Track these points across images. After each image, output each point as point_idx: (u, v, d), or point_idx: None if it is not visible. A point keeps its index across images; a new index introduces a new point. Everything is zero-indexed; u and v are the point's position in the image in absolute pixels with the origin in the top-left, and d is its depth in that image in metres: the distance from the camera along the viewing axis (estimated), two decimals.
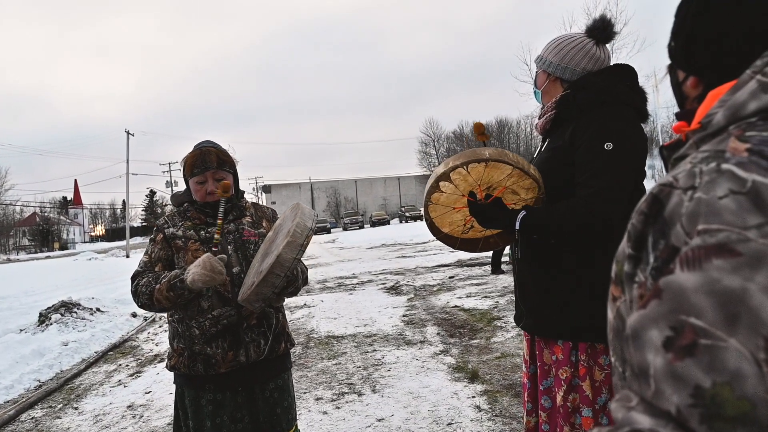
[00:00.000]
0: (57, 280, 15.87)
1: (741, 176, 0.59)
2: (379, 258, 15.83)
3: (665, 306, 0.58)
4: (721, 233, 0.57)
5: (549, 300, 1.72)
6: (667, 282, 0.59)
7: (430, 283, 9.42)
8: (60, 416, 4.32)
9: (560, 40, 1.80)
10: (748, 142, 0.63)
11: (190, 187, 2.03)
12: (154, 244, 2.02)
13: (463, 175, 1.70)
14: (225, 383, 1.94)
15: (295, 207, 1.92)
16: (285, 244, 1.70)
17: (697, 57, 0.79)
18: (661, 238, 0.62)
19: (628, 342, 0.61)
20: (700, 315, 0.55)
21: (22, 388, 5.16)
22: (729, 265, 0.55)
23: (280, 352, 2.04)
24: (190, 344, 1.93)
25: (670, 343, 0.56)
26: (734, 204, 0.57)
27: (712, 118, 0.71)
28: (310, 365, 4.98)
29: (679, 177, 0.64)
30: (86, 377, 5.46)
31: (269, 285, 1.71)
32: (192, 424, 1.94)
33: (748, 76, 0.69)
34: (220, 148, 2.07)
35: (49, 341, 6.73)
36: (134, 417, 4.13)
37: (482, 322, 5.95)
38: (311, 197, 73.12)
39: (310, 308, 8.03)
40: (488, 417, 3.42)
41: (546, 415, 1.77)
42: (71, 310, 8.07)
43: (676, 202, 0.62)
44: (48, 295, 11.00)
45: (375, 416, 3.61)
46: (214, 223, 2.01)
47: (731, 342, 0.53)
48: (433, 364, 4.65)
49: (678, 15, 0.83)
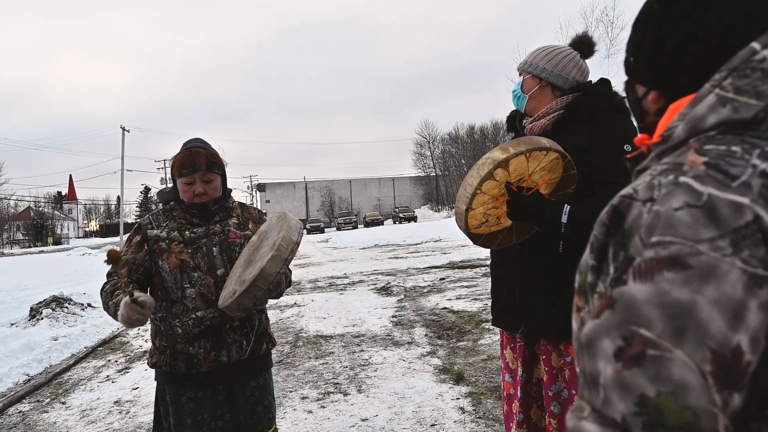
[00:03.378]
0: (50, 274, 15.79)
1: (697, 189, 0.60)
2: (371, 258, 15.84)
3: (617, 316, 0.59)
4: (673, 246, 0.58)
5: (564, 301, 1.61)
6: (620, 293, 0.60)
7: (421, 284, 9.44)
8: (47, 410, 4.31)
9: (551, 49, 1.85)
10: (705, 156, 0.64)
11: (178, 186, 2.01)
12: (129, 246, 2.00)
13: (512, 164, 1.60)
14: (206, 382, 1.94)
15: (281, 217, 1.91)
16: (270, 258, 1.70)
17: (661, 72, 0.79)
18: (620, 250, 0.63)
19: (583, 351, 0.62)
20: (650, 326, 0.56)
21: (11, 381, 5.14)
22: (679, 277, 0.56)
23: (261, 353, 2.04)
24: (173, 343, 1.93)
25: (620, 353, 0.57)
26: (689, 217, 0.58)
27: (673, 131, 0.71)
28: (297, 364, 4.99)
29: (639, 189, 0.65)
30: (75, 372, 5.45)
31: (251, 296, 1.72)
32: (173, 421, 1.94)
33: (707, 89, 0.70)
34: (210, 149, 2.05)
35: (40, 336, 6.71)
36: (121, 413, 4.13)
37: (470, 324, 5.98)
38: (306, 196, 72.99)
39: (300, 307, 8.04)
40: (472, 419, 3.44)
41: (556, 422, 1.73)
42: (62, 305, 8.05)
43: (635, 214, 0.63)
44: (40, 290, 10.95)
45: (359, 416, 3.63)
46: (201, 224, 2.00)
47: (677, 353, 0.54)
48: (419, 365, 4.67)
49: (637, 30, 0.82)
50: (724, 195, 0.59)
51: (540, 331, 1.78)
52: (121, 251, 2.00)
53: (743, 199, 0.58)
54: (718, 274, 0.55)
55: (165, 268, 1.95)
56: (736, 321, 0.55)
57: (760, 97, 0.66)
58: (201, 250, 1.96)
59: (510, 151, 1.58)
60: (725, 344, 0.54)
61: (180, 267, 1.93)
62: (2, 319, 8.06)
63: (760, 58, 0.68)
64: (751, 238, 0.57)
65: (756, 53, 0.68)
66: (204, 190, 1.97)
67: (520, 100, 1.90)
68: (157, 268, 1.97)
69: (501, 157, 1.58)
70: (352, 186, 74.08)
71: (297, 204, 72.20)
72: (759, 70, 0.67)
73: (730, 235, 0.57)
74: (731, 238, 0.57)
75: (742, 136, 0.66)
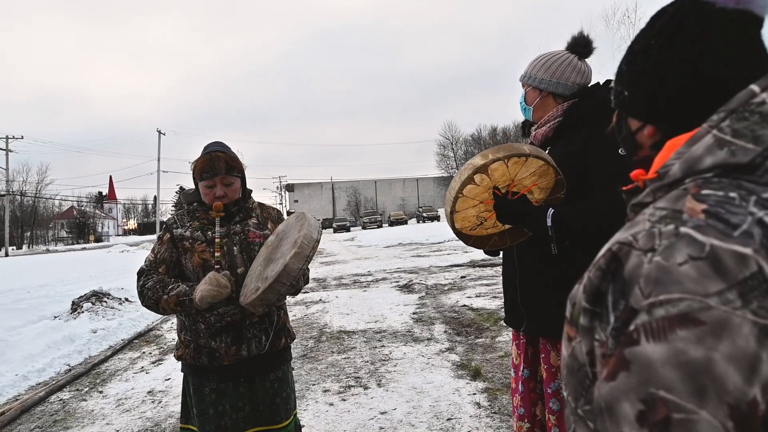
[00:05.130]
0: (90, 270, 16.19)
1: (699, 240, 0.57)
2: (394, 257, 15.85)
3: (634, 378, 0.56)
4: (683, 302, 0.56)
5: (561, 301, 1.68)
6: (633, 353, 0.57)
7: (442, 282, 9.42)
8: (86, 399, 4.44)
9: (546, 57, 1.82)
10: (704, 203, 0.61)
11: (200, 189, 2.04)
12: (161, 244, 2.06)
13: (493, 170, 1.65)
14: (227, 374, 1.98)
15: (300, 216, 1.93)
16: (292, 255, 1.72)
17: (660, 108, 0.75)
18: (621, 299, 0.61)
19: (603, 415, 0.60)
20: (670, 388, 0.54)
21: (53, 371, 5.31)
22: (693, 335, 0.54)
23: (280, 347, 2.08)
24: (196, 337, 1.98)
25: (644, 418, 0.55)
26: (694, 271, 0.56)
27: (669, 169, 0.69)
28: (320, 358, 5.04)
29: (639, 237, 0.63)
30: (112, 363, 5.60)
31: (274, 292, 1.75)
32: (196, 411, 1.99)
33: (705, 130, 0.68)
34: (230, 153, 2.07)
35: (80, 328, 6.90)
36: (153, 402, 4.24)
37: (489, 322, 5.95)
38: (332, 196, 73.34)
39: (325, 303, 8.10)
40: (487, 414, 3.43)
41: (555, 418, 1.74)
42: (102, 299, 8.26)
43: (635, 263, 0.61)
44: (81, 285, 11.24)
45: (378, 409, 3.65)
46: (222, 224, 2.03)
47: (702, 414, 0.52)
48: (438, 360, 4.67)
49: (633, 64, 0.79)
50: (727, 246, 0.57)
51: (540, 330, 1.79)
52: (154, 251, 2.05)
53: (746, 249, 0.56)
54: (731, 329, 0.54)
55: (188, 267, 2.00)
56: (752, 375, 0.53)
57: (757, 141, 0.64)
58: (222, 249, 2.00)
59: (489, 158, 1.63)
60: (743, 399, 0.53)
61: (202, 266, 1.98)
62: (46, 312, 8.30)
63: (759, 101, 0.65)
64: (758, 289, 0.55)
65: (755, 96, 0.66)
66: (224, 193, 2.00)
67: (526, 111, 1.92)
68: (181, 267, 2.02)
69: (480, 163, 1.64)
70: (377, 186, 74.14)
71: (324, 203, 72.63)
72: (758, 113, 0.65)
73: (737, 286, 0.55)
74: (739, 290, 0.55)
75: (738, 181, 0.64)
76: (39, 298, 10.07)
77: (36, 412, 4.19)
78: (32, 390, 4.76)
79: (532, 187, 1.70)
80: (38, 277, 14.72)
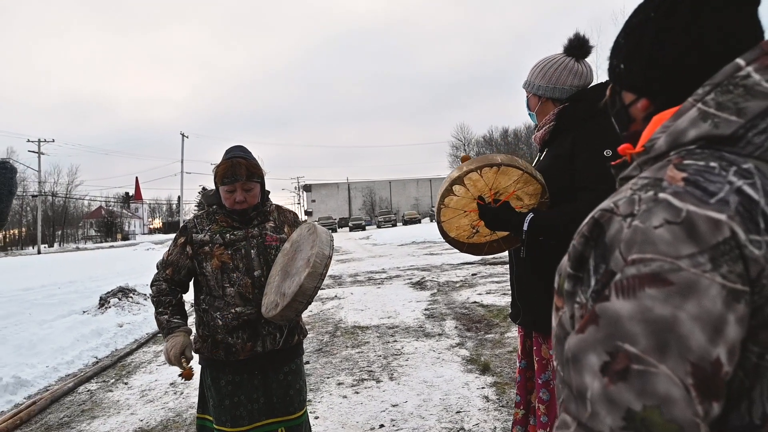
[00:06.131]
0: (118, 267, 16.44)
1: (676, 206, 0.58)
2: (408, 255, 15.84)
3: (602, 332, 0.58)
4: (654, 263, 0.56)
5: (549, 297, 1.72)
6: (603, 308, 0.58)
7: (454, 279, 9.40)
8: (112, 390, 4.53)
9: (543, 63, 1.82)
10: (684, 171, 0.62)
11: (220, 193, 2.04)
12: (175, 246, 2.08)
13: (474, 180, 1.69)
14: (243, 368, 2.01)
15: (312, 230, 1.92)
16: (306, 275, 1.75)
17: (656, 80, 0.74)
18: (602, 263, 0.62)
19: (569, 365, 0.61)
20: (634, 342, 0.55)
21: (81, 363, 5.42)
22: (661, 294, 0.55)
23: (293, 343, 2.10)
24: (213, 333, 2.01)
25: (606, 368, 0.56)
26: (668, 234, 0.57)
27: (655, 142, 0.69)
28: (335, 353, 5.07)
29: (620, 203, 0.63)
30: (137, 356, 5.69)
31: (293, 310, 1.81)
32: (213, 402, 2.03)
33: (690, 104, 0.67)
34: (251, 159, 2.06)
35: (107, 322, 7.03)
36: (175, 393, 4.30)
37: (498, 318, 5.93)
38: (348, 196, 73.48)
39: (340, 300, 8.13)
40: (495, 407, 3.43)
41: (545, 408, 1.77)
42: (128, 295, 8.40)
43: (616, 229, 0.61)
44: (109, 281, 11.40)
45: (390, 402, 3.67)
46: (240, 228, 2.05)
47: (662, 368, 0.53)
48: (448, 355, 4.68)
49: (631, 37, 0.77)
50: (702, 211, 0.57)
51: (532, 324, 1.82)
52: (167, 251, 2.10)
53: (721, 215, 0.57)
54: (699, 290, 0.54)
55: (208, 269, 2.02)
56: (716, 335, 0.54)
57: (740, 114, 0.64)
58: (240, 252, 2.02)
59: (463, 169, 1.67)
60: (706, 358, 0.53)
61: (221, 268, 2.00)
62: (76, 307, 8.47)
63: (744, 74, 0.65)
64: (729, 254, 0.56)
65: (740, 69, 0.65)
66: (244, 198, 2.01)
67: (532, 116, 1.94)
68: (201, 269, 2.04)
69: (455, 175, 1.68)
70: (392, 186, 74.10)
71: (340, 203, 72.82)
72: (742, 86, 0.64)
73: (709, 251, 0.55)
74: (710, 254, 0.55)
75: (720, 152, 0.64)
76: (69, 293, 10.28)
77: (65, 402, 4.28)
78: (62, 381, 4.86)
79: (512, 194, 1.74)
80: (68, 273, 15.02)
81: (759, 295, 0.57)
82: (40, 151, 45.95)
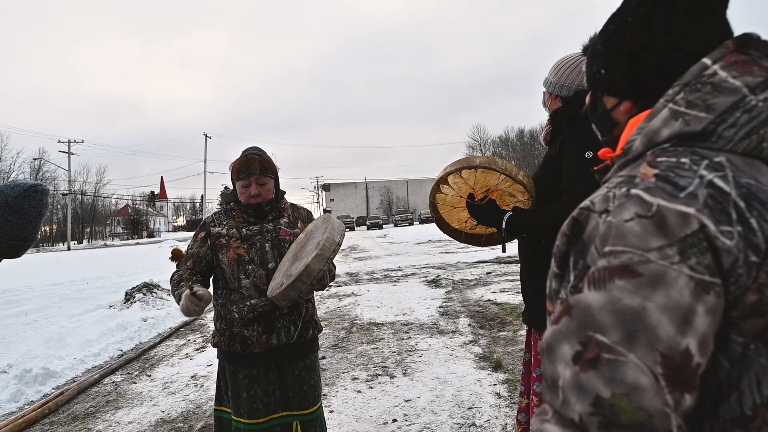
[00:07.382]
0: (143, 263, 16.69)
1: (647, 200, 0.59)
2: (424, 253, 15.81)
3: (575, 322, 0.58)
4: (624, 255, 0.57)
5: (540, 294, 1.74)
6: (576, 300, 0.60)
7: (468, 277, 9.36)
8: (135, 382, 4.62)
9: (561, 61, 1.82)
10: (656, 168, 0.63)
11: (237, 188, 2.11)
12: (195, 240, 2.13)
13: (459, 179, 1.78)
14: (259, 361, 2.04)
15: (326, 219, 1.97)
16: (314, 256, 1.77)
17: (638, 82, 0.75)
18: (580, 258, 0.63)
19: (544, 355, 0.62)
20: (604, 331, 0.56)
21: (107, 356, 5.53)
22: (630, 285, 0.56)
23: (308, 338, 2.12)
24: (230, 326, 2.04)
25: (578, 357, 0.57)
26: (639, 227, 0.58)
27: (632, 144, 0.70)
28: (350, 348, 5.09)
29: (596, 201, 0.64)
30: (160, 349, 5.79)
31: (296, 289, 1.81)
32: (231, 394, 2.06)
33: (661, 104, 0.69)
34: (264, 156, 2.13)
35: (132, 317, 7.16)
36: (196, 386, 4.37)
37: (512, 316, 5.89)
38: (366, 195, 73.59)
39: (356, 297, 8.16)
40: (506, 404, 3.41)
41: (538, 400, 1.79)
42: (152, 290, 8.54)
43: (593, 225, 0.62)
44: (134, 277, 11.60)
45: (403, 397, 3.67)
46: (256, 222, 2.10)
47: (630, 357, 0.54)
48: (461, 352, 4.66)
49: (610, 43, 0.78)
50: (671, 205, 0.58)
51: (531, 321, 1.83)
52: (188, 246, 2.14)
53: (689, 209, 0.57)
54: (667, 281, 0.55)
55: (224, 261, 2.06)
56: (685, 325, 0.54)
57: (709, 110, 0.65)
58: (255, 245, 2.06)
59: (446, 171, 1.80)
60: (674, 348, 0.54)
61: (237, 260, 2.04)
62: (103, 301, 8.64)
63: (710, 72, 0.66)
64: (697, 246, 0.56)
65: (707, 68, 0.67)
66: (258, 192, 2.06)
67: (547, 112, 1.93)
68: (217, 261, 2.08)
69: (439, 176, 1.83)
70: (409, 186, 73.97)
71: (358, 202, 72.96)
72: (709, 84, 0.66)
73: (678, 243, 0.56)
74: (678, 247, 0.56)
75: (692, 148, 0.65)
76: (96, 288, 10.48)
77: (91, 392, 4.38)
78: (88, 373, 4.97)
79: (496, 193, 1.80)
80: (96, 269, 15.32)
81: (735, 285, 0.56)
82: (70, 152, 46.97)
